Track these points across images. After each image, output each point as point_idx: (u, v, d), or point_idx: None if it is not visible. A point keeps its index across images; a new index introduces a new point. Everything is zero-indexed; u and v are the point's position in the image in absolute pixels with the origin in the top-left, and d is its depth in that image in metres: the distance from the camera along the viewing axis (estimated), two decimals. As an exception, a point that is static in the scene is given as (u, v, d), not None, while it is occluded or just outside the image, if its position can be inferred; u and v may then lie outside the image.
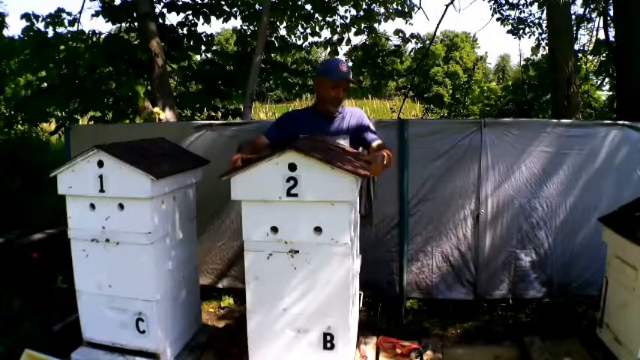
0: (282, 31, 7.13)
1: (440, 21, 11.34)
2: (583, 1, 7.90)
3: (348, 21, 7.07)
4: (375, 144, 2.57)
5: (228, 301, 3.54)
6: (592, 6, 7.85)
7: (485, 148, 3.17)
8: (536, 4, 8.47)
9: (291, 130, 2.61)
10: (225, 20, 6.48)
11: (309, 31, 7.16)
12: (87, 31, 5.80)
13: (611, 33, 6.10)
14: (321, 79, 2.58)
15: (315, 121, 2.64)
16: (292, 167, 1.91)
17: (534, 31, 9.01)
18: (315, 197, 1.91)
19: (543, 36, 8.66)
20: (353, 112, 2.70)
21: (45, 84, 5.56)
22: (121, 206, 2.20)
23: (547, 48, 6.77)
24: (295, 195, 1.92)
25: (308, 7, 6.78)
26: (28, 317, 2.91)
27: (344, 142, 2.60)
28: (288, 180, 1.92)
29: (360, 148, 2.67)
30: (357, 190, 1.96)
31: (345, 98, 2.68)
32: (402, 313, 3.19)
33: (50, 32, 5.42)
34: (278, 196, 1.94)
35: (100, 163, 2.16)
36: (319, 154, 1.90)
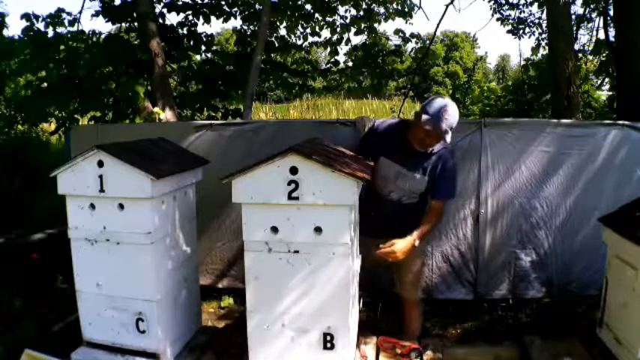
0: (282, 31, 7.14)
1: (440, 21, 11.31)
2: (583, 1, 7.90)
3: (348, 21, 7.07)
4: (433, 202, 2.54)
5: (228, 301, 3.54)
6: (592, 6, 7.85)
7: (485, 148, 3.17)
8: (536, 4, 8.47)
9: (378, 140, 2.57)
10: (225, 20, 6.48)
11: (309, 31, 7.16)
12: (87, 31, 5.80)
13: (611, 33, 6.10)
14: (421, 115, 2.37)
15: (401, 146, 2.51)
16: (294, 170, 1.91)
17: (534, 31, 9.01)
18: (315, 201, 1.91)
19: (543, 36, 8.66)
20: (442, 153, 2.50)
21: (45, 84, 5.56)
22: (121, 206, 2.20)
23: (547, 48, 6.77)
24: (296, 198, 1.92)
25: (308, 7, 6.79)
26: (28, 317, 2.91)
27: (421, 182, 2.50)
28: (289, 183, 1.91)
29: None
30: (357, 194, 1.96)
31: (434, 143, 2.47)
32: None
33: (50, 32, 5.43)
34: (279, 200, 1.93)
35: (100, 163, 2.16)
36: (320, 158, 1.90)
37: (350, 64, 7.60)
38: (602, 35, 7.34)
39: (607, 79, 8.13)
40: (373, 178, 2.51)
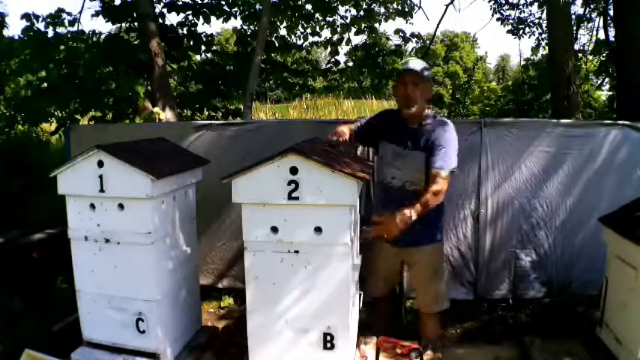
0: (282, 31, 7.15)
1: (440, 21, 11.38)
2: (583, 1, 7.90)
3: (348, 21, 7.07)
4: (435, 171, 2.29)
5: (228, 301, 3.54)
6: (592, 6, 7.85)
7: (485, 148, 3.17)
8: (536, 4, 8.48)
9: (377, 127, 2.55)
10: (225, 20, 6.49)
11: (309, 31, 7.17)
12: (87, 31, 5.81)
13: (611, 33, 6.11)
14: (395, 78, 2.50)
15: (397, 127, 2.47)
16: (294, 171, 1.91)
17: (534, 31, 9.01)
18: (315, 201, 1.91)
19: (543, 36, 8.67)
20: (437, 125, 2.41)
21: (45, 84, 5.56)
22: (121, 206, 2.20)
23: (547, 48, 6.78)
24: (296, 198, 1.92)
25: (308, 6, 6.79)
26: (28, 317, 2.91)
27: (419, 158, 2.38)
28: (289, 183, 1.91)
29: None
30: (357, 194, 1.96)
31: (423, 100, 2.40)
32: (402, 313, 3.19)
33: (50, 32, 5.44)
34: (279, 200, 1.93)
35: (100, 163, 2.16)
36: (320, 158, 1.90)
37: (350, 64, 7.61)
38: (602, 35, 7.34)
39: (607, 79, 8.14)
40: (379, 167, 2.52)
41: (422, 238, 2.43)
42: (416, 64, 2.42)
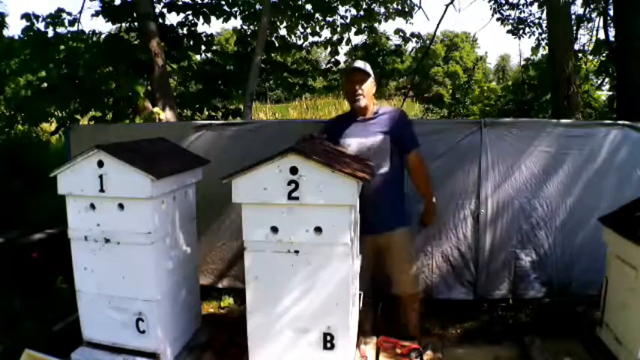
0: (282, 31, 7.15)
1: (440, 21, 11.38)
2: (583, 1, 7.90)
3: (348, 21, 7.08)
4: (412, 154, 2.66)
5: (228, 301, 3.54)
6: (592, 6, 7.85)
7: (485, 148, 3.17)
8: (536, 4, 8.49)
9: (333, 132, 2.70)
10: (225, 20, 6.48)
11: (309, 31, 7.17)
12: (87, 31, 5.81)
13: (611, 33, 6.11)
14: (342, 79, 2.75)
15: (351, 123, 2.69)
16: (294, 170, 1.91)
17: (534, 31, 9.01)
18: (315, 201, 1.91)
19: (543, 36, 8.67)
20: (389, 112, 2.73)
21: (45, 84, 5.56)
22: (121, 206, 2.20)
23: (547, 48, 6.78)
24: (296, 198, 1.92)
25: (308, 6, 6.79)
26: (28, 317, 2.91)
27: (383, 143, 2.60)
28: (289, 183, 1.92)
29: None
30: (357, 194, 1.96)
31: (370, 94, 2.69)
32: (402, 313, 3.19)
33: (50, 32, 5.43)
34: (279, 200, 1.94)
35: (100, 163, 2.16)
36: (320, 158, 1.90)
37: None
38: (602, 35, 7.34)
39: (607, 79, 8.14)
40: None
41: (393, 222, 2.65)
42: (361, 63, 2.69)
